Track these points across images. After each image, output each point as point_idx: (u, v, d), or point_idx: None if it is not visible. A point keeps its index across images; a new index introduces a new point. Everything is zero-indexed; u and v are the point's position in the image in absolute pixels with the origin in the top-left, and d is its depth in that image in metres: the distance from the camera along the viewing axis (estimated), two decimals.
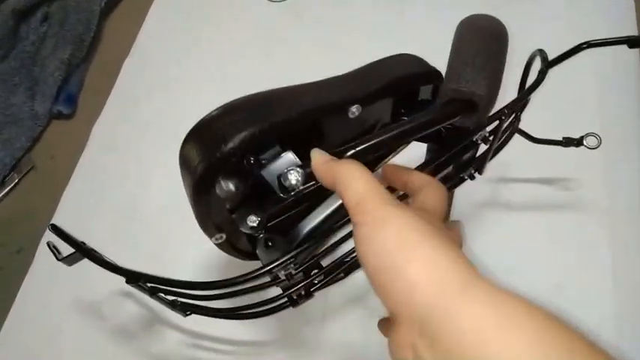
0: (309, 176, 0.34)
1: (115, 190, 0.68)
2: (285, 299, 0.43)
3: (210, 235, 0.41)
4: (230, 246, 0.43)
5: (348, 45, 0.72)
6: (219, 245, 0.43)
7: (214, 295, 0.39)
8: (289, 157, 0.36)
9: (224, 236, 0.41)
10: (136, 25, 0.88)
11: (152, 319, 0.58)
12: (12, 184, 0.73)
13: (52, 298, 0.62)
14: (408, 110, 0.45)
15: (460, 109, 0.38)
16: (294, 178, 0.34)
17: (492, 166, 0.58)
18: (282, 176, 0.34)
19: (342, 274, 0.45)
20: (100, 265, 0.39)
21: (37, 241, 0.66)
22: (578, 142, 0.54)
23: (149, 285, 0.39)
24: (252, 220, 0.40)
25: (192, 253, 0.61)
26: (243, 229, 0.41)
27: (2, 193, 0.72)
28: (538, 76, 0.42)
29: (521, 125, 0.51)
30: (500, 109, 0.41)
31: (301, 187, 0.34)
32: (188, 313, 0.45)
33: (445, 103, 0.38)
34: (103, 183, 0.69)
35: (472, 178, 0.47)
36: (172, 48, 0.83)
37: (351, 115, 0.39)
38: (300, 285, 0.41)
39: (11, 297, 0.63)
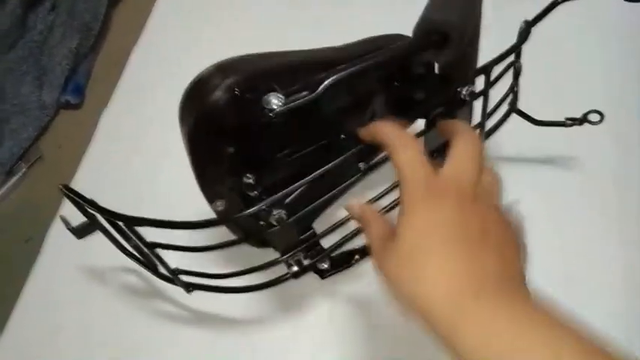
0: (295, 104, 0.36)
1: (122, 179, 0.68)
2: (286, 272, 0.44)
3: (211, 201, 0.42)
4: (231, 219, 0.44)
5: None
6: (219, 214, 0.43)
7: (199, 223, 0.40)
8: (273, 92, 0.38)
9: (224, 203, 0.42)
10: (143, 15, 0.87)
11: (164, 311, 0.59)
12: (20, 174, 0.73)
13: (60, 287, 0.62)
14: (402, 83, 0.45)
15: (432, 40, 0.38)
16: (274, 100, 0.35)
17: (496, 152, 0.57)
18: (264, 101, 0.36)
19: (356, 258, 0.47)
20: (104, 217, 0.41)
21: (46, 231, 0.66)
22: (581, 121, 0.53)
23: (150, 242, 0.42)
24: (248, 178, 0.41)
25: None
26: (241, 189, 0.41)
27: (10, 183, 0.72)
28: (521, 34, 0.43)
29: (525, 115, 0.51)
30: (486, 63, 0.41)
31: (283, 108, 0.36)
32: (190, 289, 0.46)
33: (417, 36, 0.39)
34: (111, 173, 0.69)
35: None
36: (180, 37, 0.83)
37: None
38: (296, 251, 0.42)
39: (19, 286, 0.63)
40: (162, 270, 0.49)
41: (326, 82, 0.37)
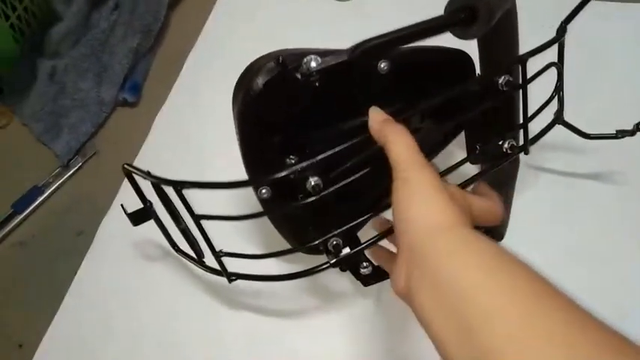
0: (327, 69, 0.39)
1: (175, 177, 0.68)
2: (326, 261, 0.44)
3: (256, 188, 0.42)
4: (275, 207, 0.44)
5: None
6: (263, 202, 0.43)
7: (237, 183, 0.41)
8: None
9: (269, 191, 0.41)
10: (202, 18, 0.88)
11: (207, 298, 0.59)
12: (75, 168, 0.74)
13: (110, 281, 0.63)
14: (439, 87, 0.45)
15: (461, 16, 0.39)
16: (313, 61, 0.38)
17: (546, 166, 0.54)
18: (304, 65, 0.38)
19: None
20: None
21: (97, 225, 0.67)
22: (632, 132, 0.51)
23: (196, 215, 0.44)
24: (291, 159, 0.42)
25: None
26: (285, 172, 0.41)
27: (66, 176, 0.74)
28: (558, 30, 0.45)
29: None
30: (522, 54, 0.42)
31: (321, 67, 0.38)
32: (233, 278, 0.47)
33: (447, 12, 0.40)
34: (164, 172, 0.69)
35: (515, 150, 0.46)
36: (237, 41, 0.83)
37: (381, 72, 0.41)
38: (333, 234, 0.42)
39: (69, 278, 0.64)
40: (207, 262, 0.49)
41: (362, 48, 0.39)
